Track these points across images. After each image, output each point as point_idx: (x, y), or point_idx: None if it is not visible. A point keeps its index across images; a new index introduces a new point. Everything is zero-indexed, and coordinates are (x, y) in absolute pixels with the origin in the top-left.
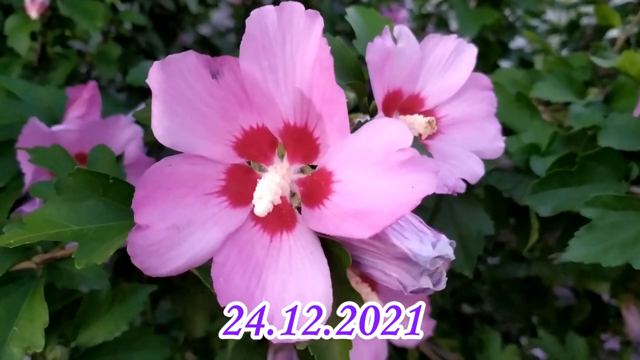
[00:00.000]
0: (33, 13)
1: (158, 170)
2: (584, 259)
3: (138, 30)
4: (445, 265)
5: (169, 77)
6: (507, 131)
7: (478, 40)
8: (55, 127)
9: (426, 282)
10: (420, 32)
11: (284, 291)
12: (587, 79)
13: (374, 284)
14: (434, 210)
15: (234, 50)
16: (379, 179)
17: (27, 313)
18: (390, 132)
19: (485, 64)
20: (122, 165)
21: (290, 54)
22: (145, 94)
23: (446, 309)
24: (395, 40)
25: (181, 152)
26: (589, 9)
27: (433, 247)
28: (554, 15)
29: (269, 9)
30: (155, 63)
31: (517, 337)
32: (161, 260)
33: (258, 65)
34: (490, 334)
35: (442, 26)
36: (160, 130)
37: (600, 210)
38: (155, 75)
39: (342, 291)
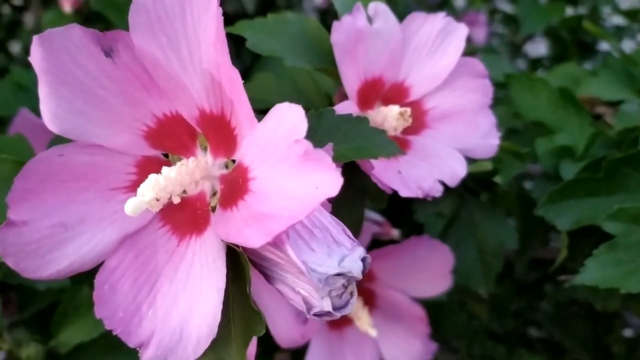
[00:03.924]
0: (66, 7)
1: (46, 160)
2: (599, 282)
3: None
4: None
5: (50, 54)
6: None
7: (551, 39)
8: None
9: (327, 305)
10: None
11: (173, 304)
12: None
13: (373, 299)
14: (450, 219)
15: None
16: (286, 177)
17: None
18: (287, 120)
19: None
20: None
21: (193, 28)
22: None
23: (510, 331)
24: (370, 19)
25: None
26: None
27: (339, 262)
28: None
29: None
30: (35, 37)
31: None
32: (41, 261)
33: (155, 41)
34: None
35: (511, 23)
36: (47, 115)
37: (626, 225)
38: (35, 52)
39: (243, 308)
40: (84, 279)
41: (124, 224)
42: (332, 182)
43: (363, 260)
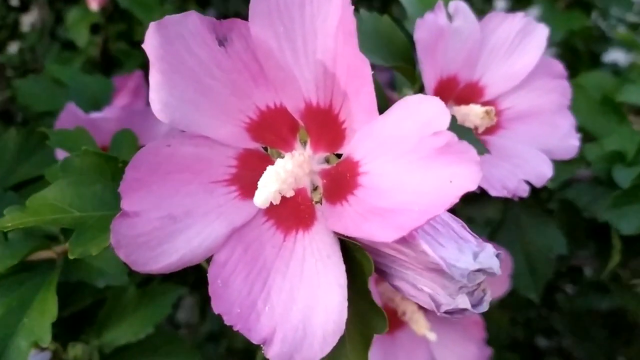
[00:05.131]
0: (93, 5)
1: (154, 151)
2: None
3: None
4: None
5: (167, 41)
6: (589, 139)
7: (565, 48)
8: (93, 114)
9: (464, 302)
10: None
11: (291, 301)
12: None
13: None
14: (497, 223)
15: None
16: (411, 171)
17: (39, 305)
18: (423, 112)
19: (572, 76)
20: None
21: (311, 18)
22: None
23: (518, 340)
24: (450, 17)
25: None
26: None
27: (474, 258)
28: None
29: None
30: (152, 24)
31: None
32: (152, 254)
33: (272, 31)
34: None
35: None
36: (157, 104)
37: None
38: (151, 39)
39: (362, 305)
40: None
41: (230, 218)
42: (469, 176)
43: (497, 256)
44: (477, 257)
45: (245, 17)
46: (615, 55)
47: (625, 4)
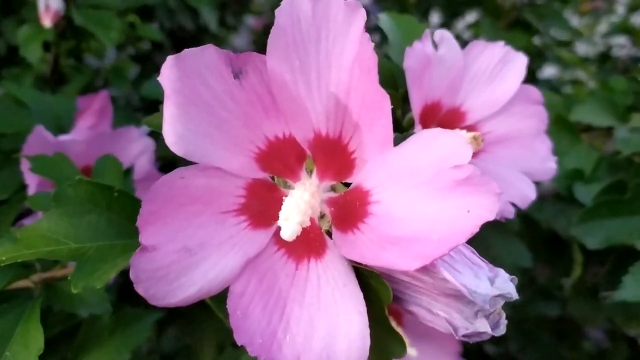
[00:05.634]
0: (47, 22)
1: (169, 183)
2: None
3: (156, 50)
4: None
5: (184, 74)
6: None
7: None
8: (62, 137)
9: (483, 325)
10: None
11: (311, 329)
12: (630, 103)
13: (399, 317)
14: None
15: None
16: (426, 201)
17: (21, 337)
18: (442, 145)
19: None
20: (132, 180)
21: (326, 53)
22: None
23: (467, 347)
24: (435, 45)
25: (195, 163)
26: (620, 40)
27: (491, 283)
28: (581, 49)
29: None
30: (169, 57)
31: None
32: (169, 288)
33: (288, 64)
34: None
35: None
36: (172, 137)
37: None
38: (168, 72)
39: (381, 332)
40: None
41: (244, 248)
42: (487, 206)
43: (511, 280)
44: (494, 283)
45: (191, 31)
46: (548, 72)
47: (562, 25)
